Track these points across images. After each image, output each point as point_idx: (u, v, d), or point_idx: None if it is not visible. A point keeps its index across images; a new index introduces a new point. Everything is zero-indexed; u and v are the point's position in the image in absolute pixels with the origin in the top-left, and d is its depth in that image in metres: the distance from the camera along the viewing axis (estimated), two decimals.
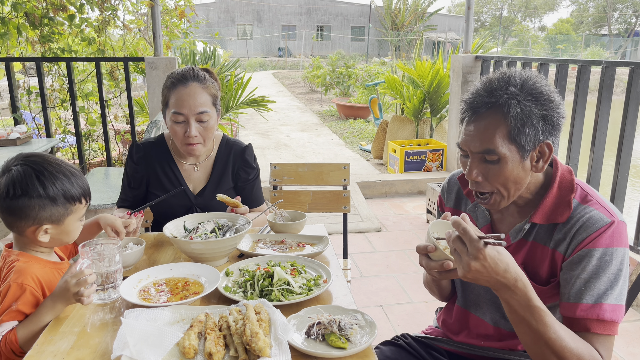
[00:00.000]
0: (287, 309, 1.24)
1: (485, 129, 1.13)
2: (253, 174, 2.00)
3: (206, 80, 1.81)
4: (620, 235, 1.13)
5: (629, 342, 2.55)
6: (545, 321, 1.05)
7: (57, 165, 1.33)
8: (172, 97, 1.78)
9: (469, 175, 1.18)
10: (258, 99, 5.29)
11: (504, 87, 1.13)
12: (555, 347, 1.06)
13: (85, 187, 1.37)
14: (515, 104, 1.11)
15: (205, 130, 1.80)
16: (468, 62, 4.63)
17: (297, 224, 1.74)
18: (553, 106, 1.13)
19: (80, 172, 1.38)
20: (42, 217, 1.29)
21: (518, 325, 1.09)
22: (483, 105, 1.14)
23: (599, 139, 3.09)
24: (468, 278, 1.04)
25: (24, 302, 1.24)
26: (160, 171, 1.92)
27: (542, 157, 1.16)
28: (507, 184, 1.16)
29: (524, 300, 1.05)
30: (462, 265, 1.02)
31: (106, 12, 4.47)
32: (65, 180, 1.31)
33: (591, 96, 3.15)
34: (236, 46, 29.79)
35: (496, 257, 1.01)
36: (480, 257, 1.00)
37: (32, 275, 1.27)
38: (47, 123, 4.22)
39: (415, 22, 25.40)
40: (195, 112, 1.76)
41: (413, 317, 2.80)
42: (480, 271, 1.01)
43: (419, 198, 5.00)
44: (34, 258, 1.34)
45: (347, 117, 10.42)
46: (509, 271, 1.03)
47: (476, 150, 1.15)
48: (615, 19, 40.35)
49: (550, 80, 3.69)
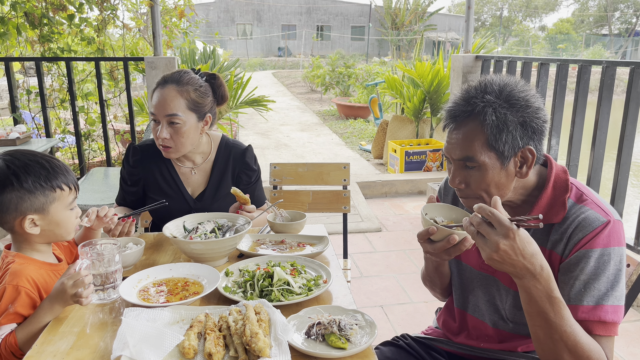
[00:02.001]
0: (287, 309, 1.24)
1: (464, 137, 1.15)
2: (254, 176, 1.98)
3: (185, 84, 1.77)
4: (617, 235, 1.13)
5: (629, 342, 2.55)
6: (563, 314, 1.05)
7: (32, 156, 1.32)
8: (152, 98, 1.80)
9: (452, 182, 1.20)
10: (258, 99, 5.29)
11: (480, 96, 1.14)
12: (569, 342, 1.05)
13: (66, 175, 1.35)
14: (490, 112, 1.12)
15: (177, 134, 1.76)
16: (468, 62, 4.63)
17: (297, 224, 1.74)
18: (531, 112, 1.13)
19: (60, 161, 1.37)
20: (23, 208, 1.28)
21: (535, 318, 1.07)
22: (461, 114, 1.16)
23: (599, 139, 3.09)
24: (493, 260, 1.01)
25: (20, 304, 1.23)
26: (157, 174, 1.91)
27: (525, 163, 1.16)
28: (489, 189, 1.16)
29: (546, 291, 1.03)
30: (490, 245, 1.00)
31: (106, 11, 4.47)
32: (39, 168, 1.30)
33: (591, 96, 3.14)
34: (236, 46, 29.79)
35: (526, 239, 1.00)
36: (510, 236, 0.98)
37: (27, 277, 1.27)
38: (46, 123, 4.22)
39: (415, 21, 25.40)
40: (164, 114, 1.74)
41: (413, 317, 2.80)
42: (507, 252, 0.99)
43: (419, 198, 4.99)
44: (30, 259, 1.34)
45: (347, 117, 10.42)
46: (535, 256, 1.01)
47: (457, 157, 1.17)
48: (616, 19, 40.35)
49: (550, 80, 3.69)
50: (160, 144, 1.78)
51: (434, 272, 1.44)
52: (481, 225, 1.01)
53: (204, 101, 1.82)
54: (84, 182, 3.40)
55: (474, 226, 1.03)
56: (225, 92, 1.91)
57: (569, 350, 1.06)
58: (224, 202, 1.91)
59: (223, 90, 1.90)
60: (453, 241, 1.10)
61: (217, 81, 1.88)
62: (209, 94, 1.84)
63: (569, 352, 1.06)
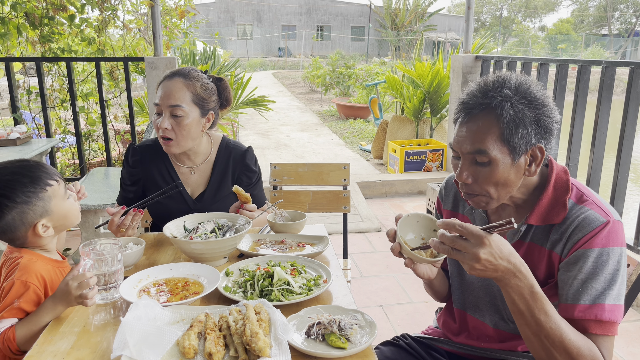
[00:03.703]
0: (287, 309, 1.24)
1: (477, 130, 1.14)
2: (255, 177, 1.98)
3: (192, 78, 1.78)
4: (617, 235, 1.13)
5: (629, 342, 2.55)
6: (547, 310, 1.06)
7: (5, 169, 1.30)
8: (158, 90, 1.79)
9: (459, 177, 1.19)
10: (258, 99, 5.30)
11: (499, 89, 1.13)
12: (555, 338, 1.06)
13: (46, 171, 1.34)
14: (508, 107, 1.11)
15: (178, 127, 1.75)
16: (468, 62, 4.63)
17: (297, 224, 1.74)
18: (546, 111, 1.13)
19: (31, 160, 1.37)
20: (29, 219, 1.29)
21: (520, 317, 1.08)
22: (477, 106, 1.15)
23: (599, 139, 3.09)
24: (477, 270, 1.02)
25: (26, 300, 1.24)
26: (157, 174, 1.90)
27: (534, 161, 1.16)
28: (497, 186, 1.16)
29: (527, 287, 1.05)
30: (469, 257, 1.01)
31: (106, 12, 4.47)
32: (20, 178, 1.29)
33: (591, 96, 3.15)
34: (236, 46, 29.79)
35: (500, 241, 1.02)
36: (486, 244, 0.99)
37: (36, 273, 1.28)
38: (47, 123, 4.22)
39: (415, 22, 25.42)
40: (168, 104, 1.74)
41: (413, 317, 2.80)
42: (488, 259, 1.00)
43: (419, 198, 5.00)
44: (37, 255, 1.34)
45: (347, 117, 10.42)
46: (513, 255, 1.03)
47: (467, 151, 1.16)
48: (616, 19, 40.34)
49: (550, 80, 3.69)
50: (161, 135, 1.77)
51: (427, 287, 1.47)
52: (455, 241, 1.02)
53: (209, 98, 1.83)
54: (84, 182, 3.40)
55: (446, 244, 1.03)
56: (229, 95, 1.92)
57: (556, 346, 1.06)
58: (223, 203, 1.91)
59: (228, 93, 1.91)
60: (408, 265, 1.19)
61: (223, 84, 1.89)
62: (215, 93, 1.86)
63: (557, 348, 1.06)
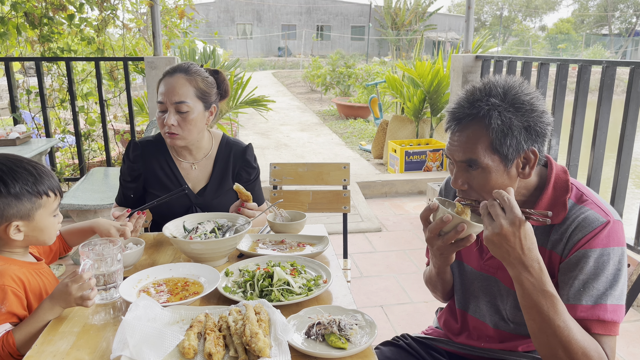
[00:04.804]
0: (287, 309, 1.24)
1: (467, 140, 1.15)
2: (254, 174, 2.00)
3: (193, 73, 1.80)
4: (617, 235, 1.13)
5: (629, 342, 2.55)
6: (557, 308, 1.06)
7: (18, 162, 1.30)
8: (159, 88, 1.80)
9: (454, 184, 1.20)
10: (258, 99, 5.29)
11: (485, 99, 1.13)
12: (562, 337, 1.06)
13: (52, 181, 1.33)
14: (496, 116, 1.11)
15: (185, 122, 1.77)
16: (468, 62, 4.63)
17: (297, 224, 1.74)
18: (535, 116, 1.13)
19: (45, 167, 1.36)
20: (9, 214, 1.26)
21: (528, 311, 1.09)
22: (465, 116, 1.15)
23: (599, 139, 3.09)
24: (493, 241, 1.05)
25: (10, 303, 1.22)
26: (158, 169, 1.91)
27: (527, 164, 1.16)
28: (492, 191, 1.16)
29: (538, 284, 1.06)
30: (494, 226, 1.04)
31: (106, 11, 4.46)
32: (27, 175, 1.28)
33: (591, 96, 3.14)
34: (236, 46, 29.78)
35: (529, 232, 1.04)
36: (516, 224, 1.02)
37: (11, 276, 1.25)
38: (46, 123, 4.22)
39: (415, 21, 25.40)
40: (173, 101, 1.75)
41: (413, 317, 2.80)
42: (508, 238, 1.03)
43: (419, 198, 4.99)
44: (10, 260, 1.32)
45: (347, 116, 10.42)
46: (532, 251, 1.05)
47: (459, 159, 1.17)
48: (616, 19, 40.34)
49: (550, 80, 3.69)
50: (167, 131, 1.78)
51: (437, 277, 1.44)
52: (493, 207, 1.06)
53: (211, 91, 1.85)
54: (84, 182, 3.40)
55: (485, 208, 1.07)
56: (227, 86, 1.94)
57: (562, 345, 1.06)
58: (224, 197, 1.93)
59: (226, 85, 1.93)
60: (461, 229, 1.12)
61: (220, 76, 1.92)
62: (214, 86, 1.88)
63: (562, 347, 1.06)
